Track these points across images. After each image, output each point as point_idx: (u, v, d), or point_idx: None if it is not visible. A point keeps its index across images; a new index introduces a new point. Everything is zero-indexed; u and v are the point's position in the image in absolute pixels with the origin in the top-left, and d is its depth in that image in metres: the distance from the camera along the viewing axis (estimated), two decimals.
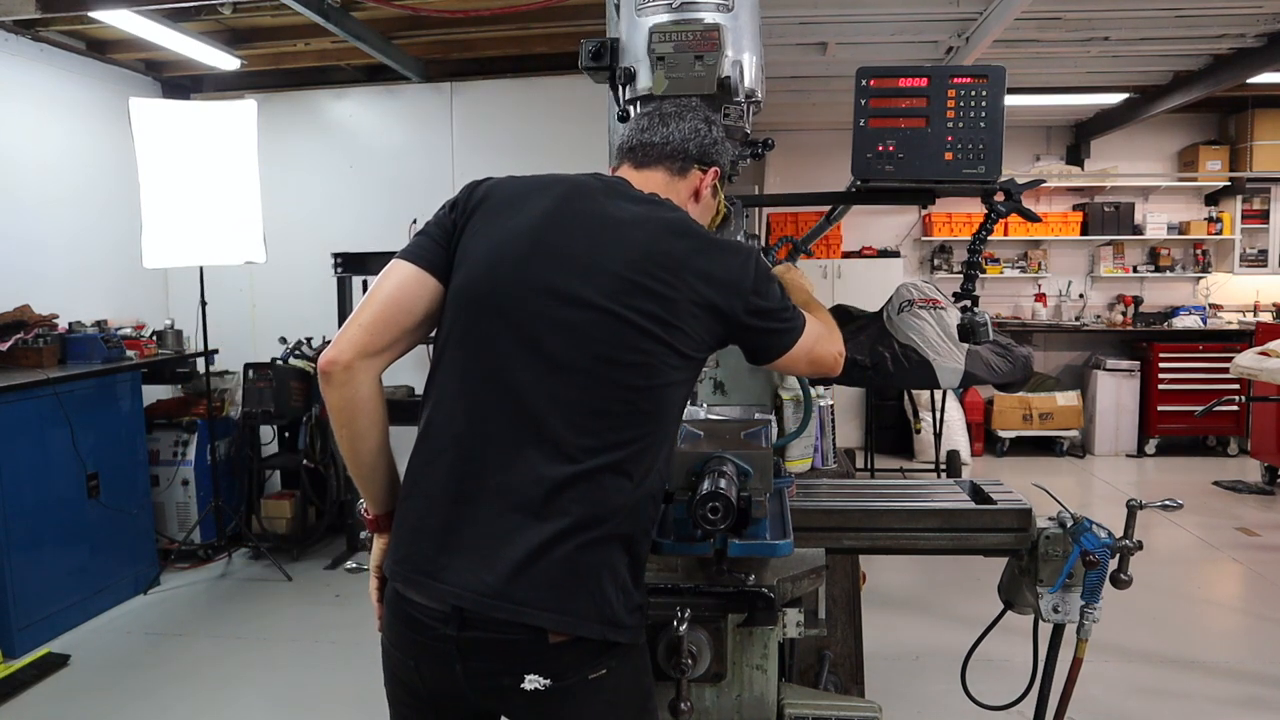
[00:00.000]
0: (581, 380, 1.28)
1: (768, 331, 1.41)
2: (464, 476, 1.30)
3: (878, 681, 3.04)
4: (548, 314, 1.30)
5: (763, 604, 1.45)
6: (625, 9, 1.64)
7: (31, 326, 4.22)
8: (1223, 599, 4.47)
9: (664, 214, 1.38)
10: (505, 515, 1.26)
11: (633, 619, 1.31)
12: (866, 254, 7.79)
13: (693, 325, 1.32)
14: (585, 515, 1.26)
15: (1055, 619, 1.65)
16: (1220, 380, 6.54)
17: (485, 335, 1.32)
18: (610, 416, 1.29)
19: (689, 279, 1.32)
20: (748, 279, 1.36)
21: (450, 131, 5.46)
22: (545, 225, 1.35)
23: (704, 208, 1.52)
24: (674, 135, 1.47)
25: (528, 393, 1.29)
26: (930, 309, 4.14)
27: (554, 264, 1.32)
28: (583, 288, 1.29)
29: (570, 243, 1.33)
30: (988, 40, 4.73)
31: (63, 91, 4.88)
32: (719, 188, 1.53)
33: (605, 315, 1.29)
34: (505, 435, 1.28)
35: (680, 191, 1.48)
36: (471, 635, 1.25)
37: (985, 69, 1.70)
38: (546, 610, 1.24)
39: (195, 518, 4.86)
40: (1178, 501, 1.62)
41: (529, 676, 1.25)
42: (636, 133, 1.49)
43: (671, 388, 1.34)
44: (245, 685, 3.56)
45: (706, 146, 1.48)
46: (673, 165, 1.47)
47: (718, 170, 1.50)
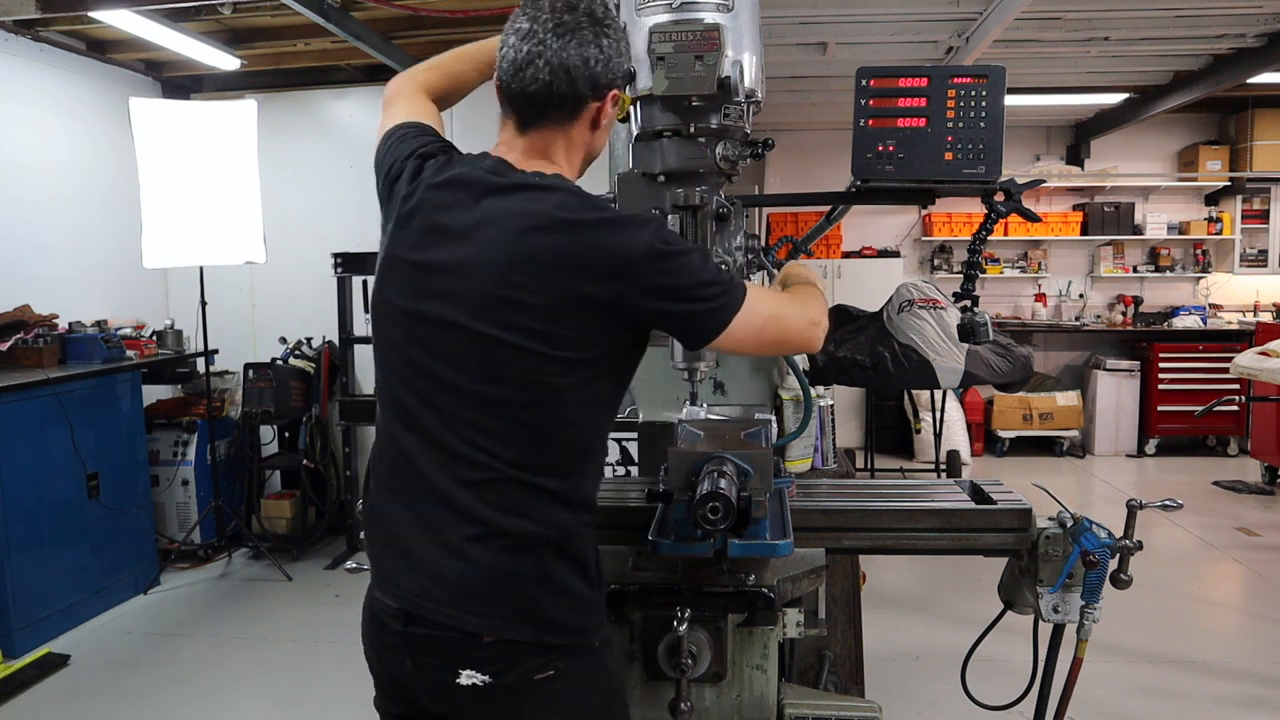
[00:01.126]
0: (469, 400, 1.27)
1: (685, 314, 1.28)
2: (397, 483, 1.33)
3: (878, 681, 3.04)
4: (425, 336, 1.29)
5: (763, 604, 1.45)
6: (625, 9, 1.63)
7: (31, 326, 4.22)
8: (1223, 599, 4.47)
9: (534, 205, 1.26)
10: (433, 521, 1.28)
11: (578, 620, 1.29)
12: (866, 254, 7.79)
13: (573, 326, 1.24)
14: (501, 523, 1.25)
15: (1055, 619, 1.64)
16: (1220, 380, 6.54)
17: (387, 353, 1.35)
18: (503, 433, 1.26)
19: (561, 278, 1.22)
20: (636, 260, 1.23)
21: (450, 132, 5.41)
22: (419, 242, 1.32)
23: (606, 128, 1.41)
24: (558, 76, 1.29)
25: (426, 411, 1.30)
26: (930, 309, 4.14)
27: (424, 283, 1.30)
28: (451, 309, 1.26)
29: (439, 259, 1.29)
30: (988, 40, 4.73)
31: (63, 91, 4.88)
32: (622, 95, 1.42)
33: (475, 336, 1.25)
34: (420, 447, 1.30)
35: (572, 136, 1.37)
36: (416, 631, 1.28)
37: (985, 69, 1.70)
38: (474, 614, 1.24)
39: (195, 518, 4.86)
40: (1178, 501, 1.62)
41: (465, 672, 1.25)
42: (515, 72, 1.31)
43: (567, 392, 1.26)
44: (245, 685, 3.56)
45: (599, 74, 1.31)
46: (560, 115, 1.33)
47: (617, 92, 1.36)
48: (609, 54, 1.33)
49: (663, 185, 1.66)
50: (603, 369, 1.30)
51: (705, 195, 1.65)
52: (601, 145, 1.46)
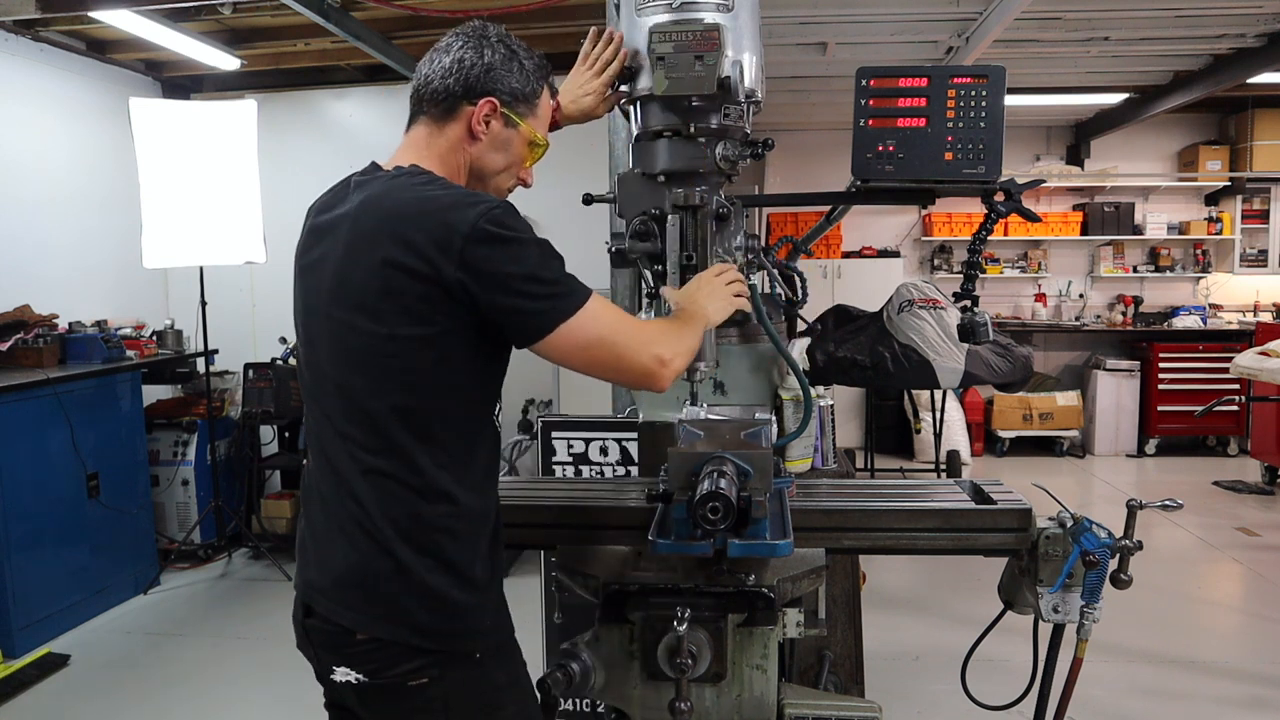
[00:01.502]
0: (329, 389, 1.31)
1: (506, 308, 1.21)
2: (309, 483, 1.40)
3: (878, 681, 3.04)
4: (307, 335, 1.37)
5: (763, 604, 1.45)
6: (625, 9, 1.63)
7: (31, 326, 4.22)
8: (1223, 599, 4.47)
9: (384, 189, 1.28)
10: (324, 517, 1.33)
11: (447, 625, 1.26)
12: (866, 254, 7.79)
13: (399, 300, 1.20)
14: (361, 516, 1.26)
15: (1055, 619, 1.64)
16: (1220, 380, 6.54)
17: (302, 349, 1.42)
18: (354, 421, 1.28)
19: (386, 247, 1.21)
20: (458, 237, 1.18)
21: None
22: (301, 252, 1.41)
23: (492, 144, 1.38)
24: (435, 74, 1.35)
25: (313, 408, 1.37)
26: (930, 309, 4.14)
27: (305, 285, 1.38)
28: (317, 302, 1.33)
29: (312, 259, 1.36)
30: (988, 40, 4.73)
31: (63, 91, 4.88)
32: (516, 115, 1.39)
33: (328, 323, 1.30)
34: (315, 445, 1.37)
35: (450, 138, 1.37)
36: (310, 623, 1.33)
37: (985, 69, 1.70)
38: (348, 608, 1.27)
39: (195, 518, 4.86)
40: (1178, 501, 1.61)
41: (339, 669, 1.28)
42: (414, 77, 1.41)
43: (404, 374, 1.23)
44: (245, 685, 3.56)
45: (473, 77, 1.34)
46: (435, 110, 1.37)
47: (493, 100, 1.35)
48: (489, 63, 1.36)
49: (663, 185, 1.66)
50: (442, 350, 1.24)
51: (705, 195, 1.65)
52: (495, 167, 1.42)
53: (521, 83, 1.39)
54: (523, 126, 1.41)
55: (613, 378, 1.33)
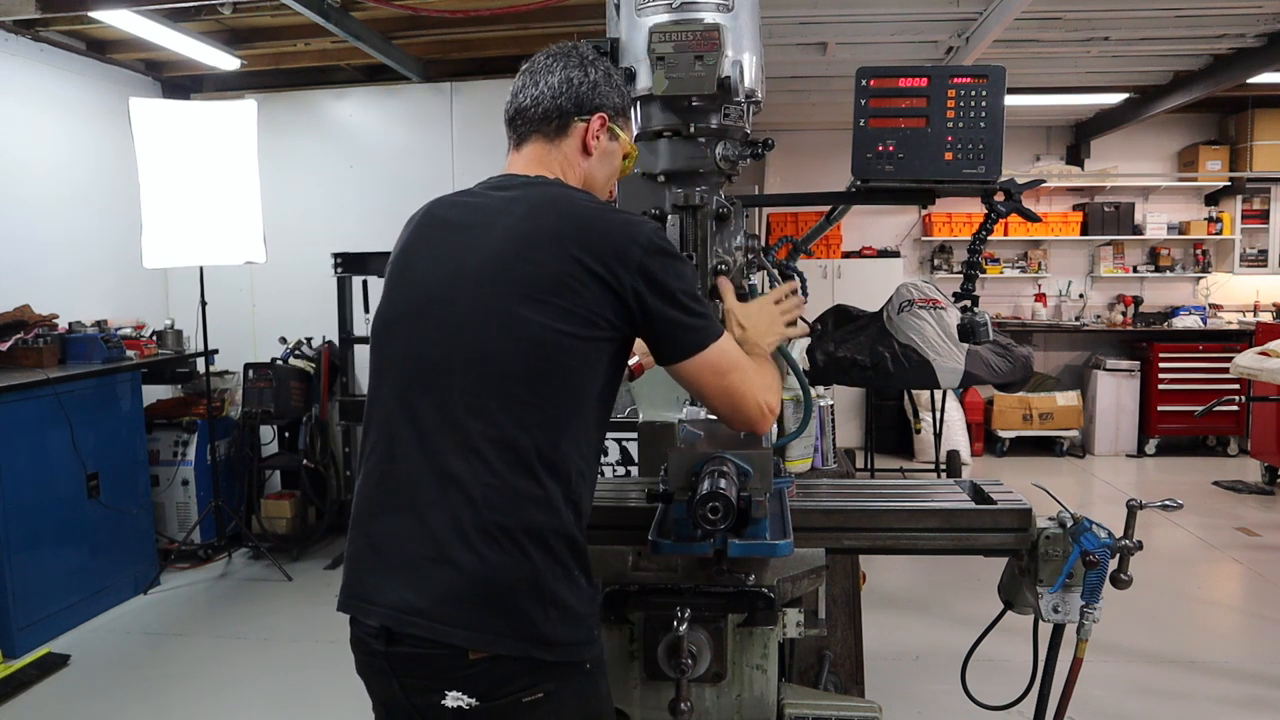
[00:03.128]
0: (464, 381, 1.25)
1: (667, 319, 1.28)
2: (383, 489, 1.30)
3: (878, 681, 3.04)
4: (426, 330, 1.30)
5: (763, 604, 1.45)
6: (625, 9, 1.64)
7: (31, 326, 4.22)
8: (1223, 599, 4.47)
9: (533, 193, 1.34)
10: (418, 526, 1.24)
11: (570, 635, 1.24)
12: (866, 254, 7.79)
13: (583, 298, 1.24)
14: (495, 525, 1.21)
15: (1055, 619, 1.64)
16: (1220, 380, 6.54)
17: (387, 360, 1.35)
18: (502, 416, 1.23)
19: (568, 249, 1.25)
20: (636, 247, 1.26)
21: (450, 131, 5.47)
22: (409, 246, 1.40)
23: (601, 157, 1.45)
24: (544, 94, 1.41)
25: (423, 403, 1.28)
26: (930, 309, 4.15)
27: (424, 280, 1.34)
28: (453, 287, 1.29)
29: (434, 251, 1.35)
30: (988, 40, 4.73)
31: (63, 91, 4.88)
32: (619, 128, 1.45)
33: (479, 317, 1.26)
34: (411, 452, 1.27)
35: (566, 153, 1.43)
36: (399, 651, 1.24)
37: (985, 69, 1.70)
38: (458, 627, 1.20)
39: (195, 518, 4.86)
40: (1178, 501, 1.62)
41: (450, 694, 1.21)
42: (511, 98, 1.45)
43: (577, 370, 1.26)
44: (245, 685, 3.56)
45: (583, 94, 1.41)
46: (548, 128, 1.42)
47: (603, 115, 1.43)
48: (595, 80, 1.42)
49: (663, 185, 1.66)
50: (594, 355, 1.28)
51: (705, 195, 1.65)
52: (602, 178, 1.48)
53: (620, 98, 1.47)
54: (623, 138, 1.48)
55: (727, 412, 1.37)
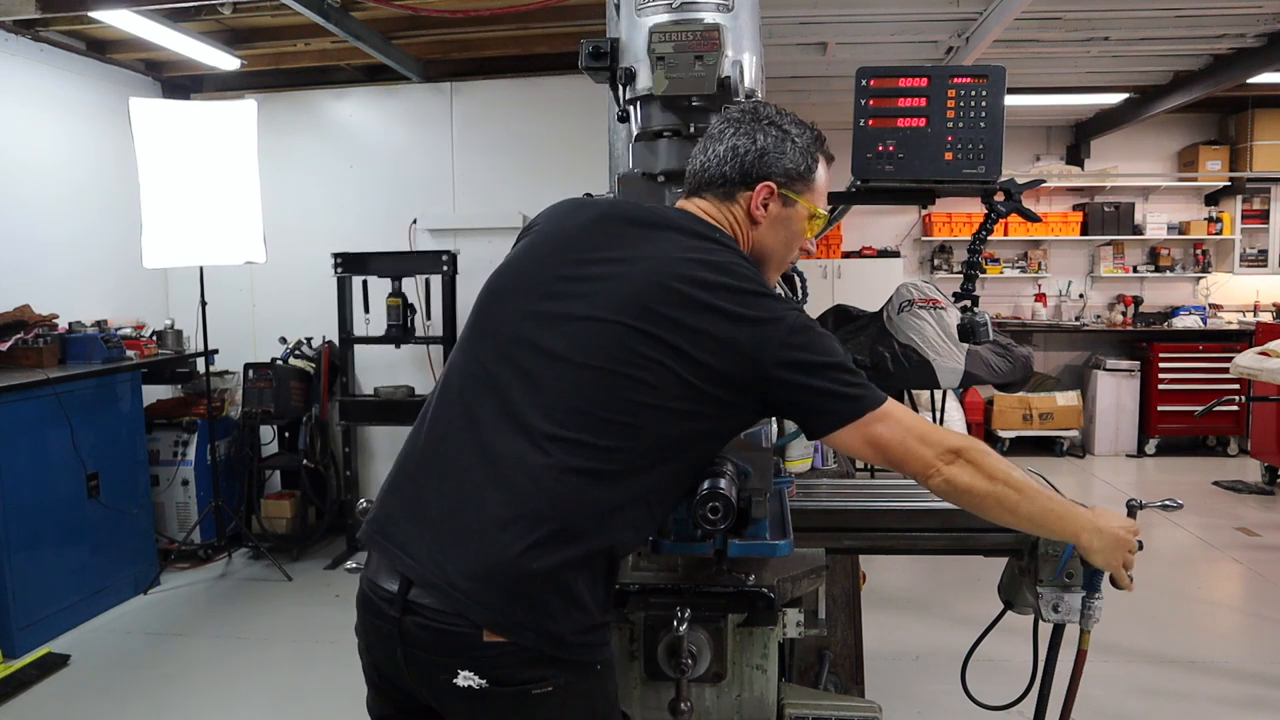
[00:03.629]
0: (573, 378, 1.26)
1: (810, 390, 1.28)
2: (442, 455, 1.30)
3: (878, 681, 3.04)
4: (552, 311, 1.31)
5: (763, 604, 1.45)
6: (625, 9, 1.64)
7: (31, 326, 4.22)
8: (1223, 599, 4.47)
9: (708, 247, 1.34)
10: (468, 503, 1.24)
11: (584, 638, 1.25)
12: (866, 254, 7.79)
13: (709, 357, 1.26)
14: (547, 516, 1.21)
15: (1055, 619, 1.65)
16: (1220, 380, 6.54)
17: (489, 328, 1.35)
18: (595, 419, 1.24)
19: (713, 308, 1.27)
20: (781, 325, 1.27)
21: (450, 131, 5.46)
22: (572, 233, 1.39)
23: (772, 225, 1.43)
24: (711, 161, 1.41)
25: (513, 384, 1.28)
26: (930, 309, 4.15)
27: (568, 265, 1.34)
28: (596, 292, 1.29)
29: (593, 249, 1.35)
30: (988, 40, 4.73)
31: (63, 91, 4.88)
32: (794, 194, 1.42)
33: (613, 325, 1.26)
34: (483, 426, 1.28)
35: (736, 216, 1.42)
36: (411, 620, 1.23)
37: (985, 69, 1.70)
38: (480, 604, 1.20)
39: (195, 518, 4.86)
40: (1178, 501, 1.62)
41: (463, 672, 1.21)
42: (691, 161, 1.46)
43: (675, 416, 1.27)
44: (245, 685, 3.56)
45: (749, 163, 1.39)
46: (715, 194, 1.42)
47: (769, 185, 1.40)
48: (764, 148, 1.40)
49: (663, 185, 1.66)
50: (716, 413, 1.30)
51: None
52: (774, 245, 1.45)
53: (795, 162, 1.42)
54: (800, 204, 1.44)
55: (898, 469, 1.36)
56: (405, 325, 5.01)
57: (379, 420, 5.21)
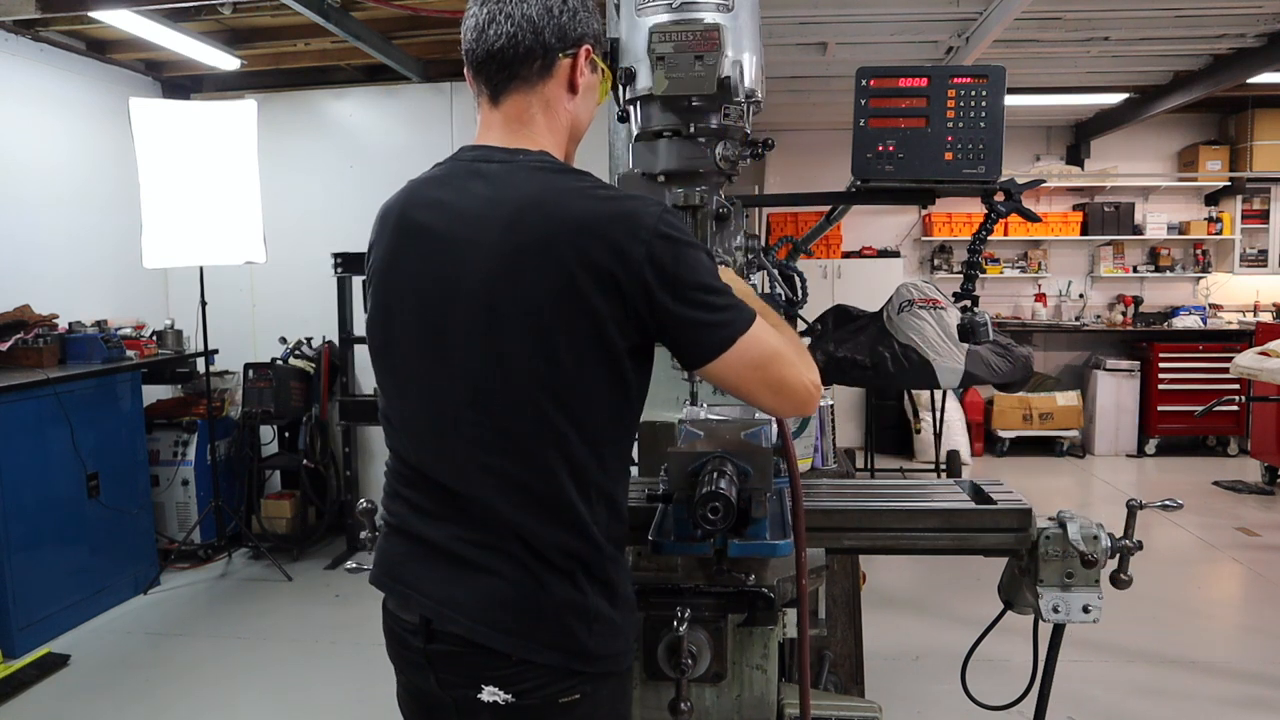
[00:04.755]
0: (483, 409, 1.18)
1: (684, 321, 1.14)
2: (425, 497, 1.26)
3: (878, 681, 3.05)
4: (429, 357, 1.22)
5: (763, 604, 1.45)
6: (625, 9, 1.63)
7: (31, 326, 4.22)
8: (1223, 599, 4.47)
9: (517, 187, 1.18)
10: (464, 535, 1.22)
11: (608, 648, 1.23)
12: (866, 254, 7.79)
13: (587, 314, 1.13)
14: (535, 537, 1.18)
15: (1055, 619, 1.64)
16: (1220, 380, 6.54)
17: (393, 378, 1.29)
18: (532, 436, 1.17)
19: (561, 260, 1.12)
20: (638, 243, 1.11)
21: (450, 131, 5.46)
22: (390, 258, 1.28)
23: (586, 92, 1.30)
24: (521, 28, 1.21)
25: (450, 421, 1.21)
26: (930, 309, 4.15)
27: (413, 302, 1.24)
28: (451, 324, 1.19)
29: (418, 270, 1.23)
30: (988, 40, 4.73)
31: (63, 91, 4.88)
32: (597, 60, 1.31)
33: (478, 345, 1.17)
34: (449, 461, 1.23)
35: (549, 97, 1.26)
36: (437, 648, 1.22)
37: (985, 69, 1.70)
38: (504, 633, 1.18)
39: (195, 518, 4.86)
40: (1178, 501, 1.61)
41: (487, 688, 1.20)
42: (477, 36, 1.23)
43: (590, 390, 1.17)
44: (245, 685, 3.56)
45: (565, 24, 1.23)
46: (528, 70, 1.23)
47: (588, 47, 1.27)
48: (574, 7, 1.25)
49: (663, 185, 1.66)
50: (617, 370, 1.19)
51: (705, 195, 1.65)
52: (586, 119, 1.34)
53: (599, 22, 1.31)
54: (602, 66, 1.33)
55: (772, 404, 1.22)
56: None
57: (379, 420, 5.21)
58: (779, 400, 1.21)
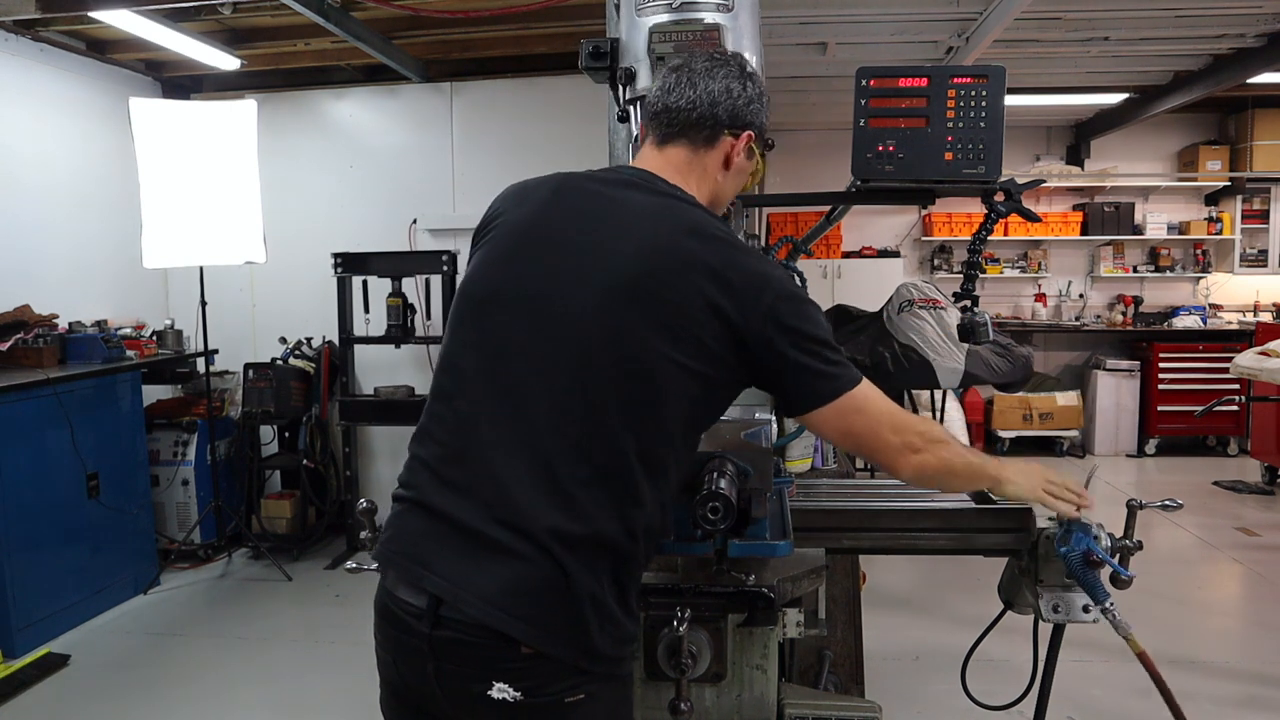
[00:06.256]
0: (574, 383, 1.22)
1: (798, 366, 1.26)
2: (460, 473, 1.26)
3: (878, 681, 3.04)
4: (542, 312, 1.26)
5: (763, 604, 1.45)
6: (625, 9, 1.64)
7: (31, 326, 4.22)
8: (1223, 599, 4.47)
9: (680, 209, 1.30)
10: (496, 515, 1.21)
11: (615, 650, 1.25)
12: (866, 254, 7.79)
13: (700, 333, 1.22)
14: (572, 528, 1.20)
15: (1055, 619, 1.64)
16: (1220, 380, 6.54)
17: (484, 336, 1.30)
18: (604, 425, 1.21)
19: (697, 279, 1.22)
20: (770, 287, 1.24)
21: (450, 131, 5.46)
22: (537, 222, 1.33)
23: (737, 173, 1.43)
24: (701, 98, 1.35)
25: (522, 393, 1.24)
26: (930, 309, 4.14)
27: (546, 260, 1.29)
28: (577, 285, 1.25)
29: (563, 236, 1.29)
30: (988, 40, 4.73)
31: (63, 91, 4.88)
32: (756, 149, 1.43)
33: (600, 321, 1.23)
34: (501, 436, 1.24)
35: (708, 164, 1.39)
36: (444, 635, 1.20)
37: (985, 69, 1.70)
38: (520, 619, 1.18)
39: (195, 518, 4.86)
40: (1178, 501, 1.61)
41: (498, 685, 1.19)
42: (662, 94, 1.38)
43: (676, 401, 1.24)
44: (245, 685, 3.56)
45: (740, 108, 1.37)
46: (697, 135, 1.37)
47: (751, 134, 1.40)
48: (751, 96, 1.39)
49: None
50: (709, 392, 1.28)
51: None
52: (728, 195, 1.45)
53: (766, 118, 1.44)
54: (757, 156, 1.45)
55: (867, 455, 1.38)
56: (405, 325, 5.02)
57: (379, 420, 5.22)
58: (874, 455, 1.35)
